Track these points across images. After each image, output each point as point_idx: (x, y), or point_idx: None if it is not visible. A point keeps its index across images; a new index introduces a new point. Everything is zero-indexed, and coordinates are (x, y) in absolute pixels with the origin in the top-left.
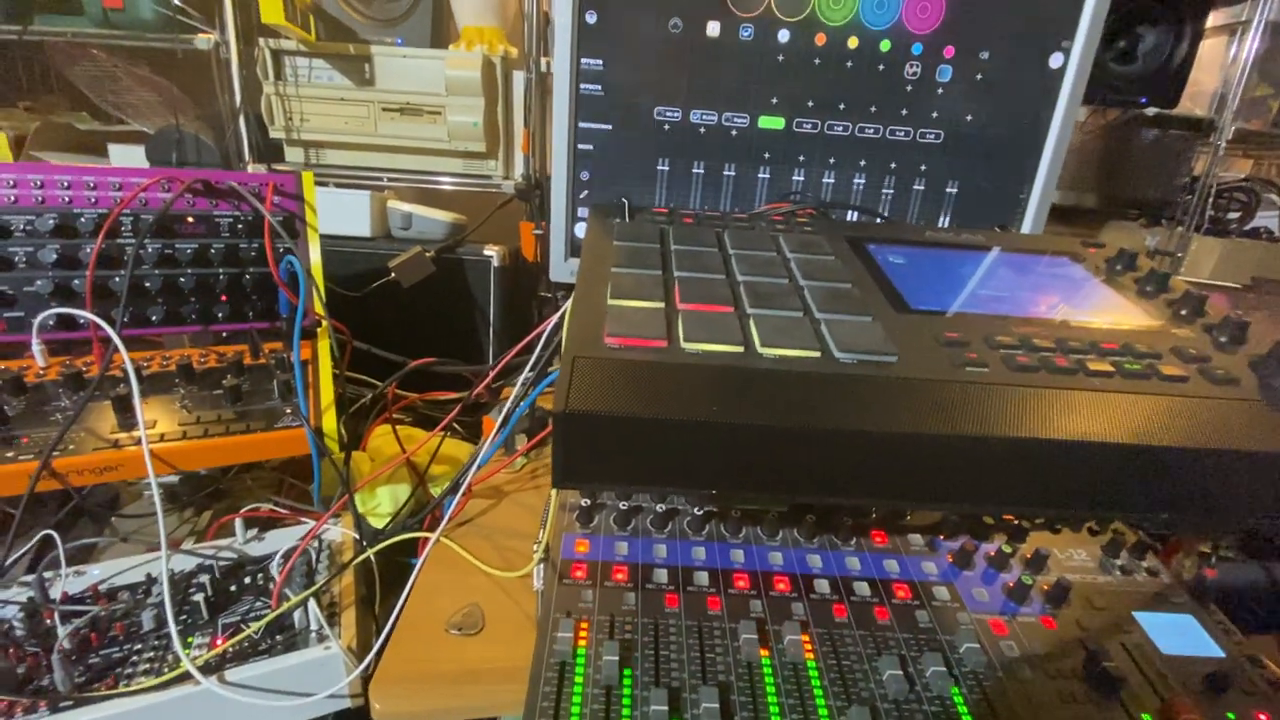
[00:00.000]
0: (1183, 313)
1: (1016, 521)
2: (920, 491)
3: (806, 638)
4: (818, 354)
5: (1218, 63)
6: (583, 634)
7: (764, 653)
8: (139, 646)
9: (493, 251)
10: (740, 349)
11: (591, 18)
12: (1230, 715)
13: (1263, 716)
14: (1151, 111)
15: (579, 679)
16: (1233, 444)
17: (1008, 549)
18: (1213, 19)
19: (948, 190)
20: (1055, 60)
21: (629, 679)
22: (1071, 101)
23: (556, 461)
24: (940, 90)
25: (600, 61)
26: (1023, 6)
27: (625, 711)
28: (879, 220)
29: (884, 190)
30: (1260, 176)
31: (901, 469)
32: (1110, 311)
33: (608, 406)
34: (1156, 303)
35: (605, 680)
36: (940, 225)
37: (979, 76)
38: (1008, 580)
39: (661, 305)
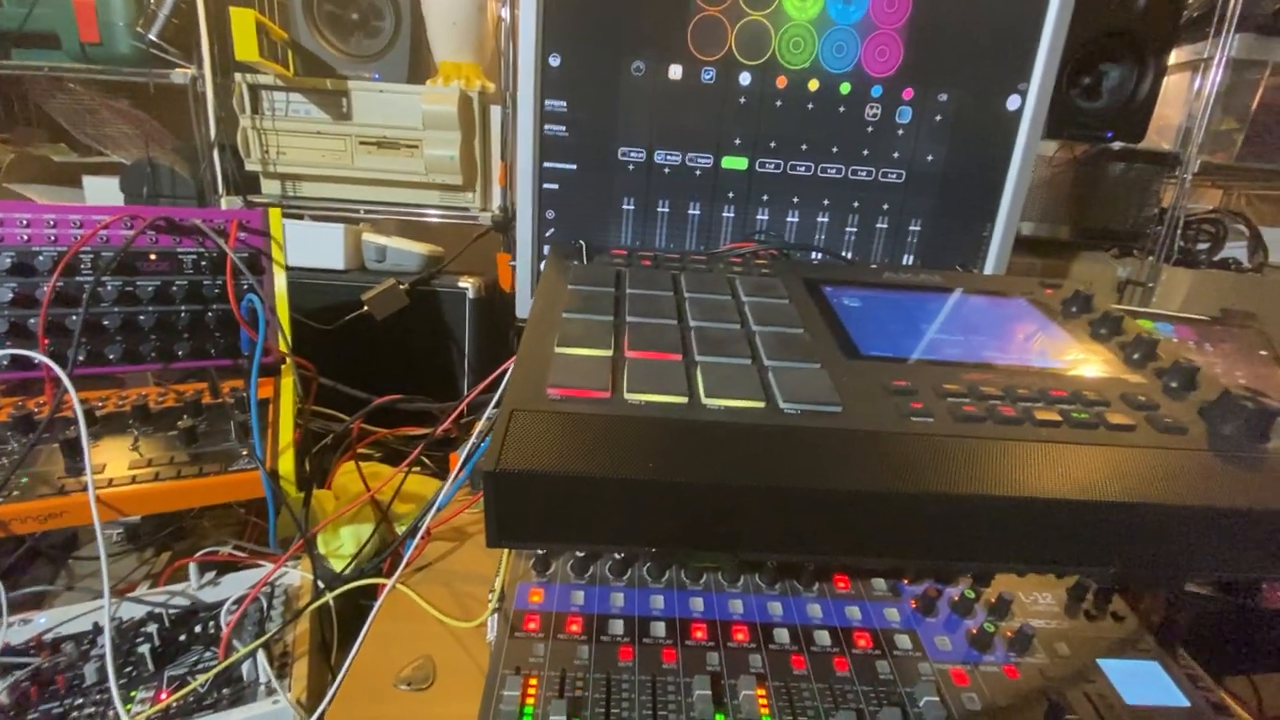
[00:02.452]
0: (1135, 356)
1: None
2: (862, 547)
3: (763, 692)
4: (762, 404)
5: (1182, 98)
6: (531, 692)
7: (719, 714)
8: (80, 701)
9: (468, 284)
10: (684, 399)
11: (555, 60)
12: None
13: None
14: (1118, 145)
15: None
16: (1180, 498)
17: (971, 594)
18: (1176, 55)
19: (911, 228)
20: (1013, 102)
21: None
22: (1030, 142)
23: (489, 520)
24: (900, 131)
25: (564, 103)
26: (979, 51)
27: None
28: (841, 260)
29: (848, 229)
30: (1228, 208)
31: (844, 525)
32: (1062, 356)
33: (542, 464)
34: (1110, 345)
35: None
36: (904, 263)
37: (938, 118)
38: (971, 627)
39: (609, 353)
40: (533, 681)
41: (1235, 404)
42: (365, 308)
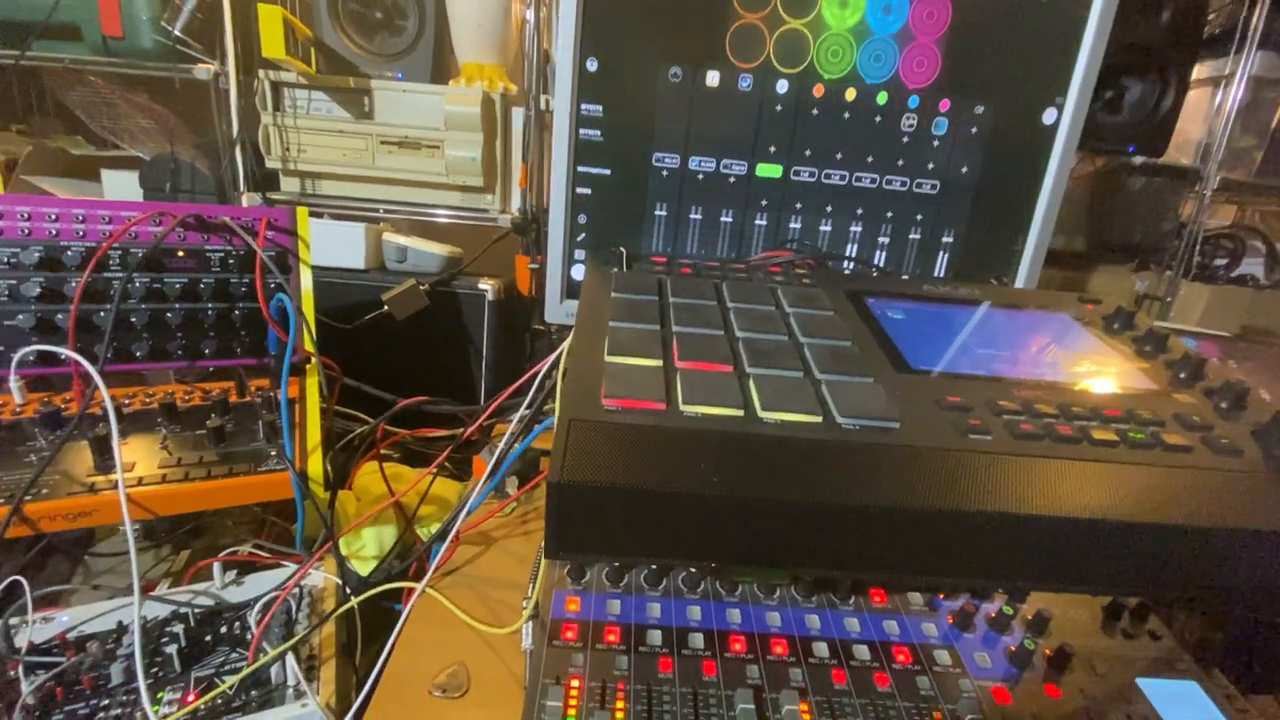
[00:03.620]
0: (1182, 375)
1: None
2: (924, 565)
3: (805, 707)
4: (819, 419)
5: (1203, 113)
6: (573, 702)
7: None
8: (106, 702)
9: (488, 285)
10: (740, 413)
11: (592, 65)
12: None
13: None
14: (1139, 160)
15: None
16: (1239, 520)
17: (1009, 610)
18: (1198, 71)
19: (944, 240)
20: (1049, 116)
21: None
22: (1065, 156)
23: (550, 532)
24: (936, 142)
25: (600, 108)
26: (1017, 63)
27: None
28: (872, 270)
29: (880, 239)
30: (1244, 224)
31: (905, 542)
32: (1111, 374)
33: (605, 476)
34: (1156, 364)
35: None
36: (936, 274)
37: (974, 130)
38: (1009, 644)
39: (660, 363)
40: (574, 692)
41: None
42: (385, 308)
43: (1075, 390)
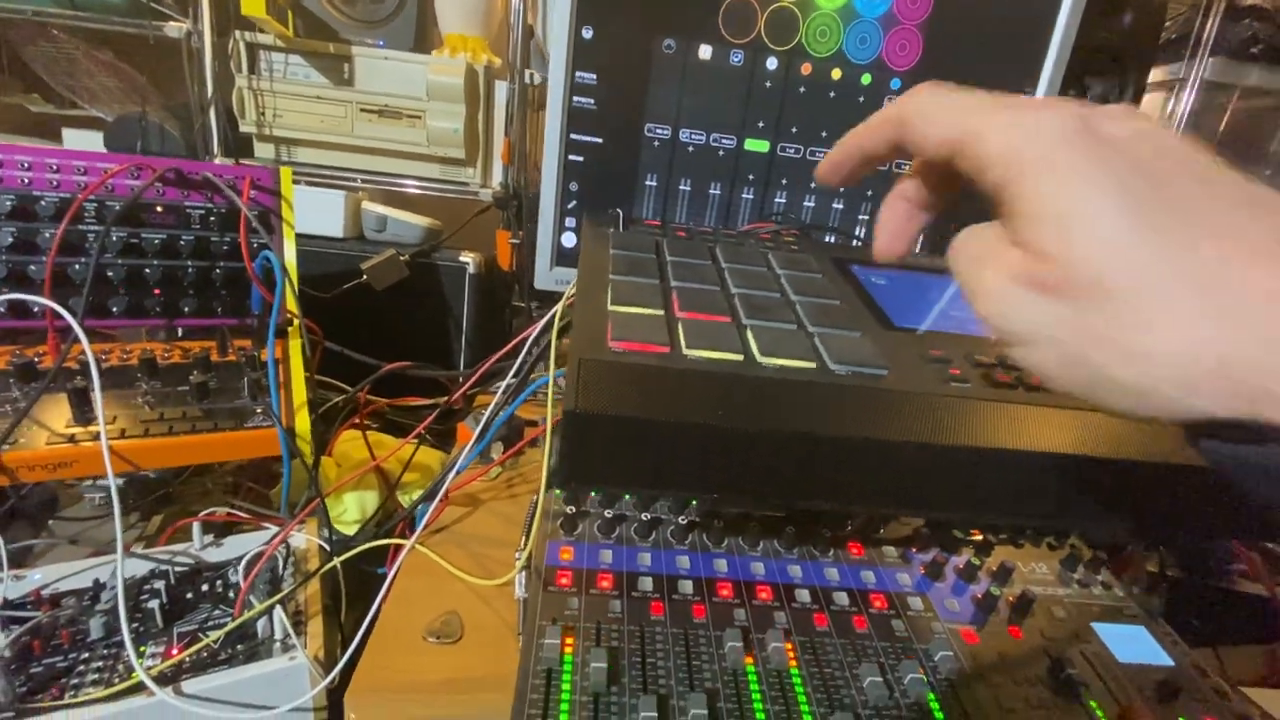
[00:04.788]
0: None
1: (982, 536)
2: (912, 499)
3: (790, 645)
4: (814, 365)
5: (1155, 116)
6: (569, 641)
7: (749, 660)
8: (86, 655)
9: (469, 258)
10: (740, 357)
11: (588, 33)
12: (1181, 718)
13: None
14: None
15: (566, 686)
16: (1191, 459)
17: (976, 561)
18: (1153, 75)
19: None
20: None
21: (616, 686)
22: None
23: (563, 461)
24: None
25: (594, 76)
26: (995, 49)
27: (613, 718)
28: (854, 242)
29: (860, 215)
30: None
31: (894, 476)
32: None
33: (615, 408)
34: None
35: (593, 687)
36: (915, 250)
37: None
38: (976, 592)
39: (661, 313)
40: (570, 632)
41: None
42: (364, 277)
43: None
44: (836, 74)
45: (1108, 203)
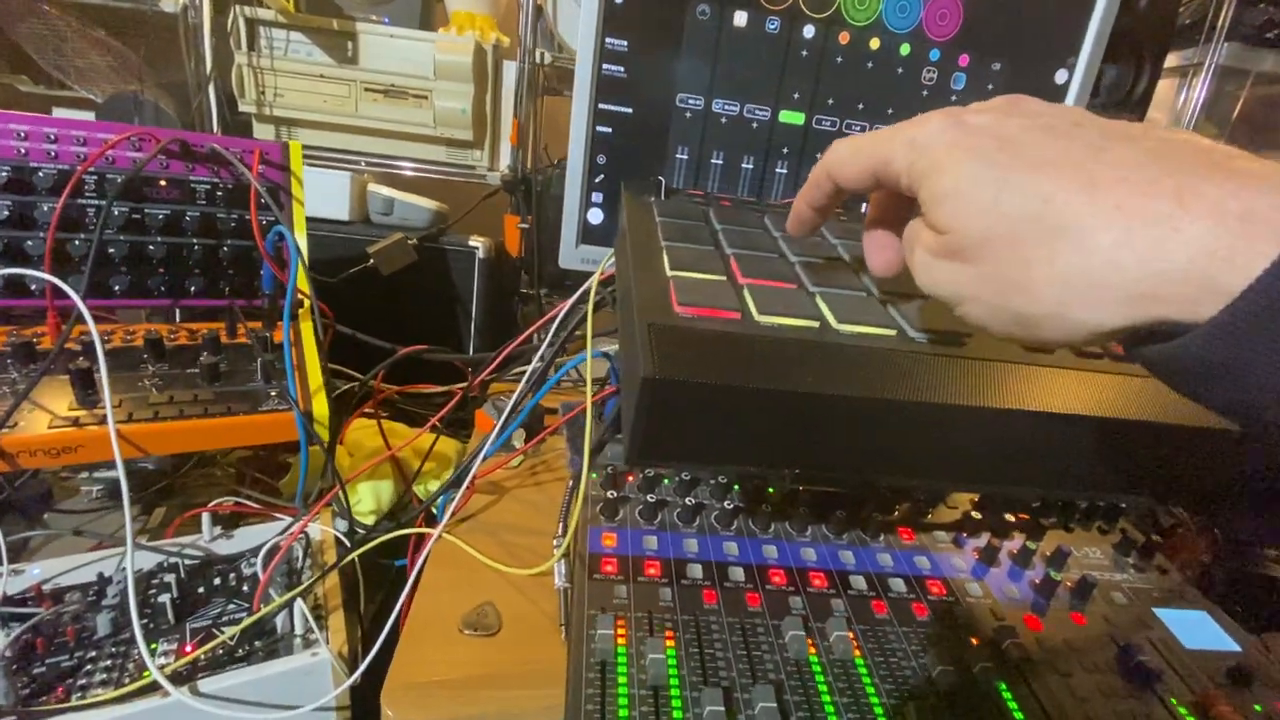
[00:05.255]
0: None
1: (1030, 518)
2: (989, 471)
3: (853, 634)
4: (894, 332)
5: (1169, 102)
6: (621, 631)
7: (812, 650)
8: (93, 654)
9: (478, 243)
10: (816, 324)
11: None
12: (1257, 707)
13: None
14: None
15: (623, 679)
16: (1172, 418)
17: (1030, 546)
18: (1167, 60)
19: None
20: (1060, 76)
21: (676, 678)
22: None
23: (638, 435)
24: (954, 97)
25: (625, 43)
26: (1035, 22)
27: (677, 714)
28: None
29: None
30: None
31: (979, 447)
32: None
33: (697, 375)
34: None
35: (653, 680)
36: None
37: (990, 86)
38: (1034, 577)
39: (724, 278)
40: (621, 621)
41: None
42: (371, 261)
43: None
44: (875, 43)
45: (977, 177)
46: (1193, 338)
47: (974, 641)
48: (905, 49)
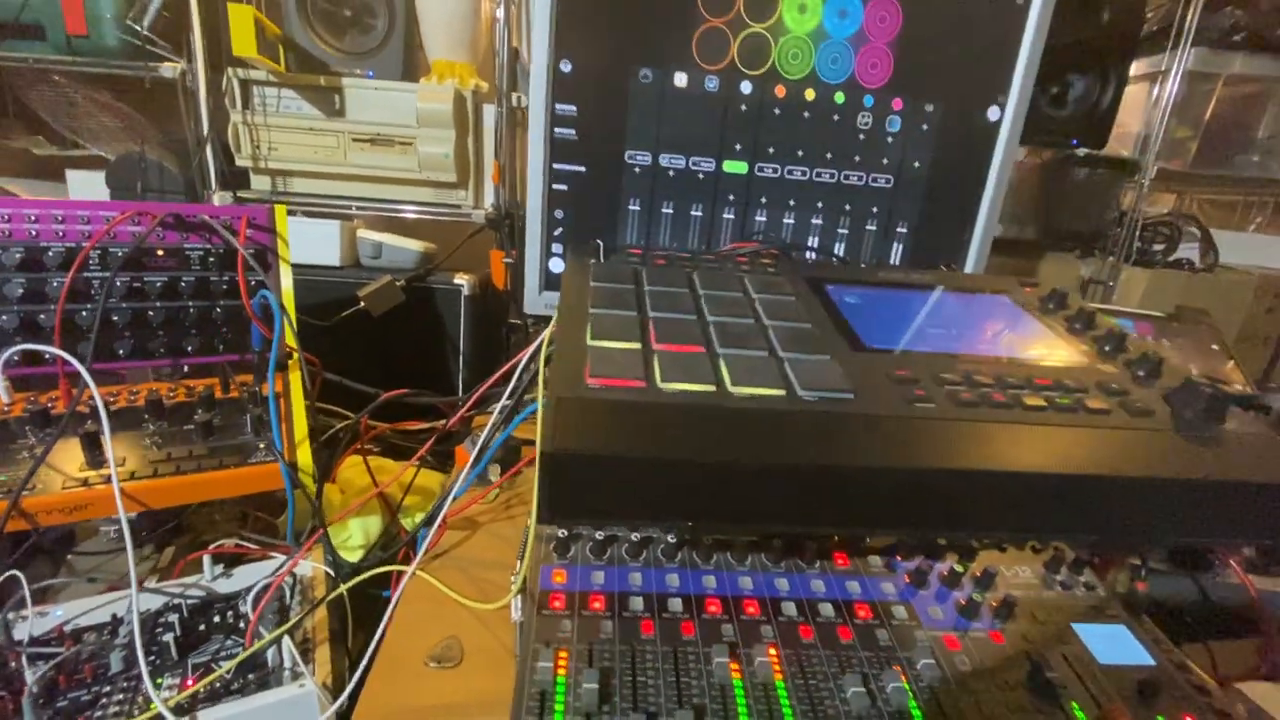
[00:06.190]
0: (1106, 348)
1: (967, 542)
2: (877, 519)
3: (775, 658)
4: (783, 392)
5: (1141, 107)
6: (562, 663)
7: (735, 674)
8: (108, 689)
9: (463, 280)
10: (713, 388)
11: (566, 66)
12: (1160, 718)
13: (1189, 718)
14: (1082, 152)
15: (559, 707)
16: (1149, 471)
17: (960, 568)
18: (1136, 67)
19: (899, 230)
20: (993, 113)
21: (608, 705)
22: (1008, 150)
23: (541, 498)
24: (890, 139)
25: (574, 107)
26: (963, 64)
27: None
28: (833, 260)
29: (839, 230)
30: (1182, 211)
31: (861, 499)
32: (1043, 348)
33: (590, 446)
34: (1084, 338)
35: (585, 708)
36: (892, 262)
37: (925, 127)
38: (959, 598)
39: (639, 345)
40: (563, 654)
41: (1195, 390)
42: (361, 304)
43: (1011, 363)
44: (810, 94)
45: None
46: None
47: (892, 663)
48: (840, 97)
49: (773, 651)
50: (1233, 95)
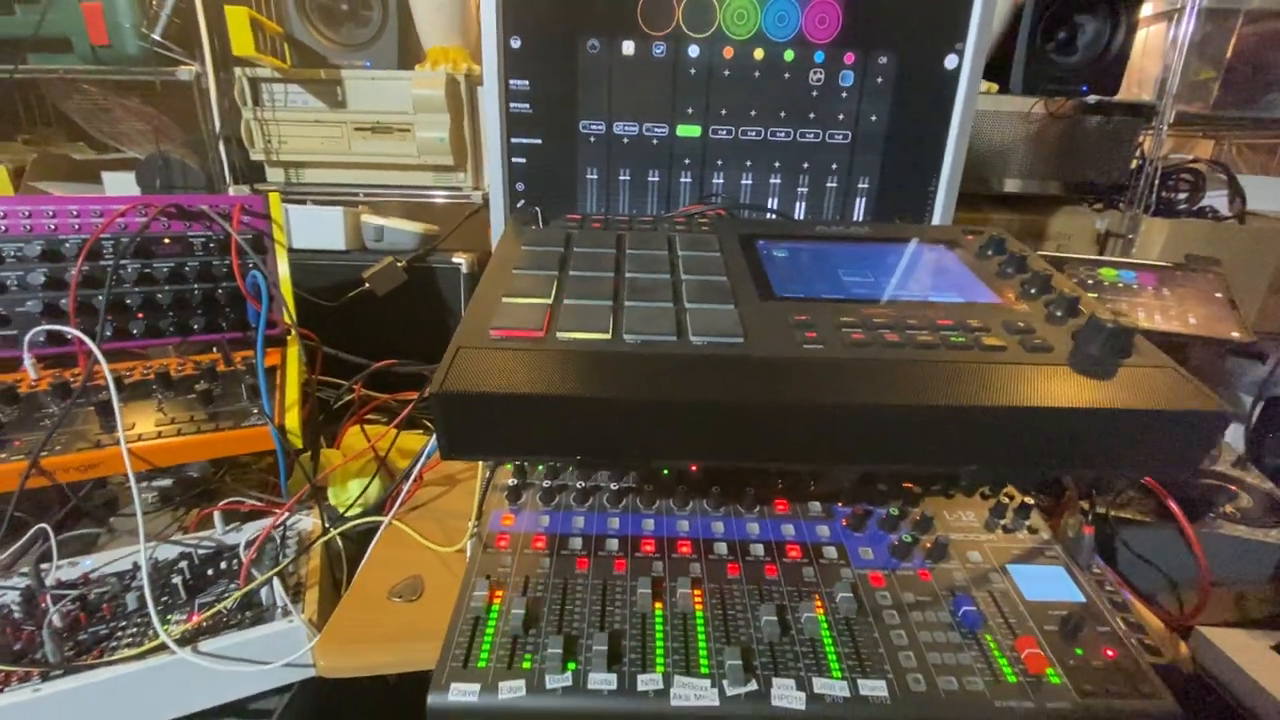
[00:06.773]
0: (1031, 290)
1: (909, 487)
2: (758, 453)
3: (698, 591)
4: (674, 338)
5: (1159, 48)
6: (497, 594)
7: (658, 605)
8: (123, 624)
9: (461, 259)
10: (607, 336)
11: (516, 43)
12: (1078, 650)
13: (1110, 652)
14: (1094, 99)
15: (490, 630)
16: (1031, 401)
17: (897, 512)
18: (1151, 6)
19: (860, 186)
20: (950, 61)
21: (535, 629)
22: (968, 99)
23: (440, 436)
24: (844, 94)
25: (526, 82)
26: (915, 13)
27: (526, 656)
28: (789, 219)
29: (799, 189)
30: (1217, 158)
31: (742, 433)
32: (963, 292)
33: (480, 386)
34: (1011, 282)
35: (512, 631)
36: (856, 219)
37: (879, 79)
38: (894, 540)
39: (548, 301)
40: (499, 586)
41: (1098, 325)
42: (366, 285)
43: (921, 307)
44: (759, 54)
45: None
46: None
47: (810, 596)
48: (789, 55)
49: (696, 585)
50: (1257, 32)
